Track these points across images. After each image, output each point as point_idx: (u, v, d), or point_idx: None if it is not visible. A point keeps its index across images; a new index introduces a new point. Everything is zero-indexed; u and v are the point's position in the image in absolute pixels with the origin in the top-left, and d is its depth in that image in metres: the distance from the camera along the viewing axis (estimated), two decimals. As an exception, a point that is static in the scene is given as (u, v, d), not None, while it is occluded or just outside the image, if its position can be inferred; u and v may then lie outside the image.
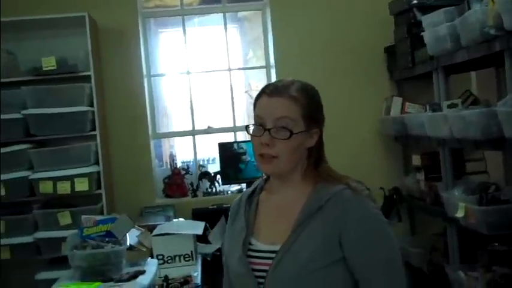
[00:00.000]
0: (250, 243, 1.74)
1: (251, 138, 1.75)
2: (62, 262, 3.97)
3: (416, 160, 4.44)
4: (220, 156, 4.91)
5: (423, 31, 3.85)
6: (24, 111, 4.23)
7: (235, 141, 5.01)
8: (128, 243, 3.03)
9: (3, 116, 4.20)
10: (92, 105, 4.34)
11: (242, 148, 4.85)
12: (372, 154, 4.92)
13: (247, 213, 1.80)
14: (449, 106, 3.54)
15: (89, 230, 2.93)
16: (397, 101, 4.56)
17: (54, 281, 2.90)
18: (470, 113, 3.15)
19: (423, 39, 3.85)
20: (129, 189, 4.76)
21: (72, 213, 4.21)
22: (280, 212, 1.74)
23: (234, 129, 5.18)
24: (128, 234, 3.05)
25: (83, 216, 2.97)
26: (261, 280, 1.69)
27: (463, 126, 3.23)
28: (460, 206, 3.35)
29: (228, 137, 5.16)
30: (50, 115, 4.23)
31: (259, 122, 1.71)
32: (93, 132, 4.34)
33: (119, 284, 2.65)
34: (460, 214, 3.33)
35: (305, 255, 1.62)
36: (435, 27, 3.60)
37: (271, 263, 1.67)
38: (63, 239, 4.02)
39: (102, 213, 4.23)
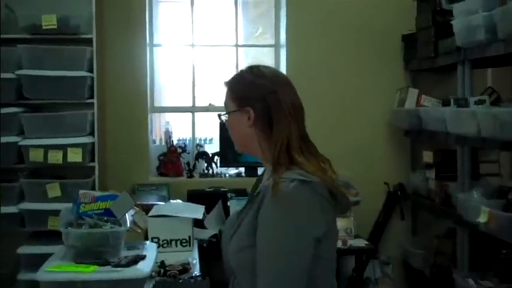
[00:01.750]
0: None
1: None
2: (45, 236, 3.76)
3: (427, 157, 4.23)
4: (220, 136, 4.65)
5: (449, 20, 3.61)
6: (18, 72, 3.93)
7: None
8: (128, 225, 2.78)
9: (-5, 75, 3.90)
10: (91, 70, 4.04)
11: (244, 130, 4.58)
12: (379, 147, 4.67)
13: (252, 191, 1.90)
14: (477, 102, 3.33)
15: (86, 206, 2.66)
16: (413, 93, 4.31)
17: (36, 256, 2.70)
18: (505, 112, 2.94)
19: (448, 29, 3.60)
20: (122, 164, 4.48)
21: (62, 185, 3.93)
22: None
23: (237, 108, 4.90)
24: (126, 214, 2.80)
25: (81, 191, 2.70)
26: None
27: (493, 125, 3.02)
28: (483, 210, 3.14)
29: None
30: (46, 78, 3.92)
31: None
32: (90, 100, 4.05)
33: (118, 269, 2.40)
34: (482, 219, 3.12)
35: (240, 233, 1.69)
36: (468, 16, 3.36)
37: None
38: (50, 212, 3.81)
39: (93, 187, 3.96)
